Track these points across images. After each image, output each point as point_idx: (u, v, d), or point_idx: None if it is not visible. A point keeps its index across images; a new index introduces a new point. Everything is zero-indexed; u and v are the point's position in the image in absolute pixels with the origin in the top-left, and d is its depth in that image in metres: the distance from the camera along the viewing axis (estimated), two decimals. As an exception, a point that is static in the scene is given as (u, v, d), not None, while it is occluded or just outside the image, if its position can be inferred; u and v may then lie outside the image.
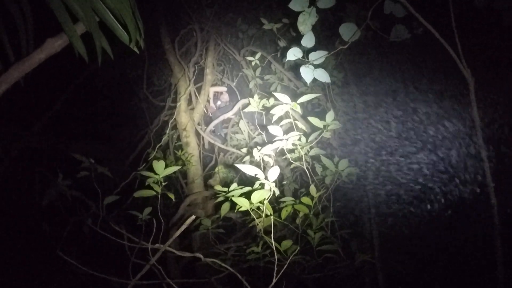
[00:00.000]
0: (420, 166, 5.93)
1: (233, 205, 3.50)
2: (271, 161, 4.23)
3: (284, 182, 6.50)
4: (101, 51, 2.30)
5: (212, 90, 7.73)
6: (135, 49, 2.38)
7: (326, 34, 6.97)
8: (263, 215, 3.45)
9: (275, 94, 3.87)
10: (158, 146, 6.71)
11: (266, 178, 3.15)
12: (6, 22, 2.50)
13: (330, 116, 4.45)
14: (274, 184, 3.19)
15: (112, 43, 2.45)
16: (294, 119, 4.26)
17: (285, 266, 3.26)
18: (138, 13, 2.22)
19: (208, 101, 7.74)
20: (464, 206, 5.58)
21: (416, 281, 6.75)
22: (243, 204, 3.29)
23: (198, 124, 7.45)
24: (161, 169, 3.51)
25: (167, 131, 7.03)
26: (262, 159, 4.18)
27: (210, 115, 7.81)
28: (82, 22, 2.20)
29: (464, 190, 5.52)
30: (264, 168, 3.72)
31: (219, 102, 7.84)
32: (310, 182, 4.71)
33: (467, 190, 5.48)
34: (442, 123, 5.86)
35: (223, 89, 7.86)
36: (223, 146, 7.16)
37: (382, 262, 6.59)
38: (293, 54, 3.70)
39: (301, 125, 4.40)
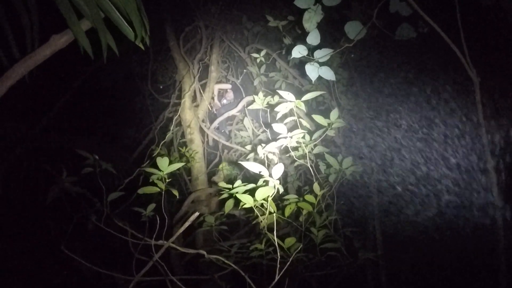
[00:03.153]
0: (424, 164, 5.91)
1: (237, 202, 3.49)
2: (275, 159, 4.23)
3: (288, 180, 6.50)
4: (106, 48, 2.30)
5: (217, 87, 7.72)
6: (141, 46, 2.38)
7: (331, 32, 6.95)
8: (267, 212, 3.45)
9: (280, 91, 3.87)
10: (162, 142, 6.71)
11: (270, 175, 3.15)
12: (11, 18, 2.50)
13: (334, 114, 4.44)
14: (278, 182, 3.19)
15: (117, 40, 2.45)
16: (299, 117, 4.25)
17: (287, 264, 3.26)
18: (144, 9, 2.21)
19: (212, 98, 7.73)
20: (468, 205, 5.57)
21: (419, 279, 6.75)
22: (247, 201, 3.28)
23: (203, 121, 7.45)
24: (165, 166, 3.51)
25: (172, 128, 7.03)
26: (267, 156, 4.18)
27: (215, 112, 7.80)
28: (87, 19, 2.20)
29: (469, 190, 5.50)
30: (268, 165, 3.71)
31: (223, 99, 7.84)
32: (314, 180, 4.70)
33: (471, 189, 5.46)
34: (447, 122, 5.84)
35: (227, 86, 7.85)
36: (227, 143, 7.16)
37: (385, 260, 6.58)
38: (298, 51, 3.70)
39: (305, 123, 4.39)
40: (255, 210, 3.50)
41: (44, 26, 2.61)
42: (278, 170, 3.13)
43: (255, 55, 6.73)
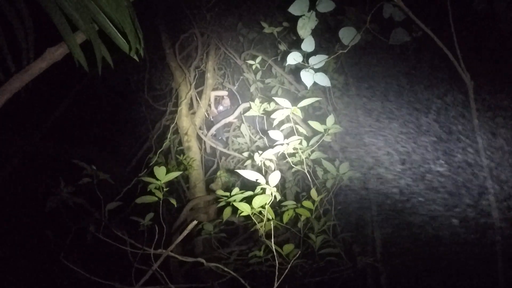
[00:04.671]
0: (420, 168, 5.92)
1: (235, 209, 3.50)
2: (273, 166, 4.23)
3: (286, 186, 6.50)
4: (101, 60, 2.31)
5: (213, 94, 7.73)
6: (135, 58, 2.39)
7: (325, 38, 6.97)
8: (265, 219, 3.45)
9: (276, 98, 3.88)
10: (159, 151, 6.72)
11: (267, 182, 3.16)
12: (7, 32, 2.51)
13: (330, 120, 4.46)
14: (275, 189, 3.19)
15: (112, 50, 2.46)
16: (295, 123, 4.26)
17: (286, 270, 3.27)
18: (138, 22, 2.23)
19: (209, 105, 7.74)
20: (465, 209, 5.58)
21: (419, 284, 6.74)
22: (244, 209, 3.29)
23: (200, 128, 7.45)
24: (162, 175, 3.51)
25: (169, 136, 7.04)
26: (264, 163, 4.19)
27: (211, 119, 7.81)
28: (82, 31, 2.21)
29: (464, 193, 5.51)
30: (266, 172, 3.72)
31: (220, 106, 7.85)
32: (312, 186, 4.71)
33: (467, 193, 5.47)
34: (442, 126, 5.86)
35: (224, 93, 7.86)
36: (224, 150, 7.16)
37: (384, 265, 6.57)
38: (293, 58, 3.71)
39: (302, 129, 4.40)
40: (253, 217, 3.50)
41: (39, 39, 2.62)
42: (275, 177, 3.13)
43: (250, 62, 6.74)
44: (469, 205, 5.46)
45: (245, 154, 6.46)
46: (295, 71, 7.24)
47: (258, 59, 6.73)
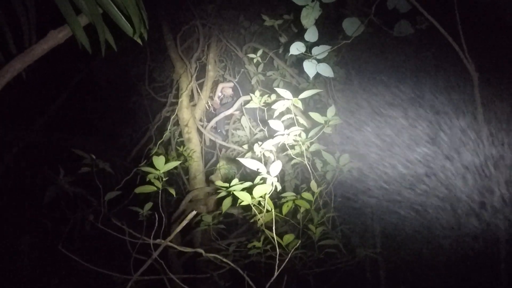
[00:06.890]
0: (422, 161, 5.91)
1: (235, 200, 3.48)
2: (272, 157, 4.23)
3: (286, 178, 6.49)
4: (104, 43, 2.29)
5: (220, 86, 7.75)
6: (139, 41, 2.37)
7: (328, 29, 6.94)
8: (264, 210, 3.44)
9: (277, 89, 3.87)
10: (159, 142, 6.71)
11: (268, 172, 3.14)
12: (9, 14, 2.49)
13: (331, 111, 4.44)
14: (276, 179, 3.18)
15: (115, 35, 2.44)
16: (295, 115, 4.25)
17: (285, 261, 3.26)
18: (142, 4, 2.20)
19: (211, 97, 7.74)
20: (467, 201, 5.57)
21: (418, 276, 6.75)
22: (244, 198, 3.26)
23: (200, 120, 7.44)
24: (161, 165, 3.50)
25: (169, 127, 7.03)
26: (263, 154, 4.18)
27: (213, 111, 7.81)
28: (85, 14, 2.18)
29: (468, 186, 5.50)
30: (266, 163, 3.71)
31: (220, 95, 7.86)
32: (311, 178, 4.70)
33: (470, 185, 5.46)
34: (445, 118, 5.84)
35: (231, 85, 7.87)
36: (223, 143, 7.15)
37: (383, 257, 6.58)
38: (296, 48, 3.70)
39: (302, 120, 4.39)
40: (253, 208, 3.49)
41: (41, 21, 2.60)
42: (276, 167, 3.11)
43: (251, 55, 6.73)
44: (471, 198, 5.45)
45: (245, 146, 6.46)
46: (297, 64, 7.23)
47: (259, 52, 6.71)
